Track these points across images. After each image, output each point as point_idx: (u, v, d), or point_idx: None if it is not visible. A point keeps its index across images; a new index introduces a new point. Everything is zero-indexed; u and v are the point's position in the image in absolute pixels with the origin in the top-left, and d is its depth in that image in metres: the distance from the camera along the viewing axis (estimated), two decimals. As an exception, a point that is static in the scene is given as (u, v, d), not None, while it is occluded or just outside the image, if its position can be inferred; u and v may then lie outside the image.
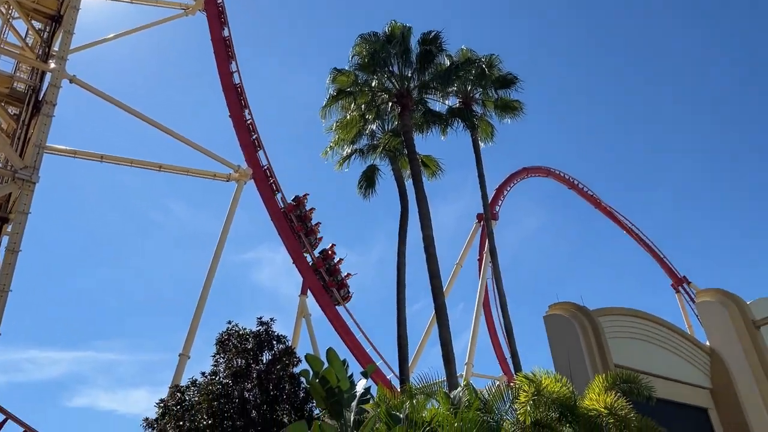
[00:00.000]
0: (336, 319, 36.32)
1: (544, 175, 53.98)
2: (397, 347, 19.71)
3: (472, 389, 14.50)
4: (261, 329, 15.97)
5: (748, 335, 25.14)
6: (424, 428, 12.19)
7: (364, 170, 23.93)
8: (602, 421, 11.96)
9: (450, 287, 44.83)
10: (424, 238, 20.15)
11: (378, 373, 34.18)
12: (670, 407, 20.62)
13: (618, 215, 56.30)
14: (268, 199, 36.92)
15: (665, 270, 56.94)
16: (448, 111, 23.68)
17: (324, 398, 12.46)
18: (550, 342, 20.32)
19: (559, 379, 12.98)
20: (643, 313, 22.97)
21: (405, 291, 20.79)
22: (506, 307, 22.35)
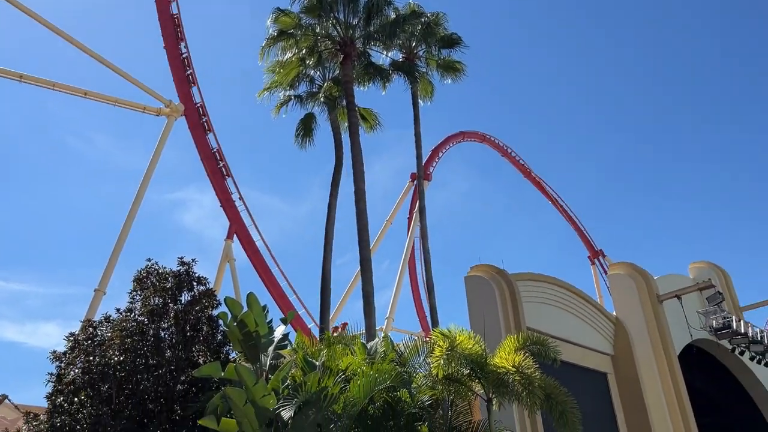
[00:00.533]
0: (261, 265, 36.11)
1: (479, 140, 54.73)
2: (319, 297, 19.86)
3: (390, 342, 14.84)
4: (182, 269, 15.62)
5: (651, 308, 26.77)
6: (339, 376, 12.42)
7: (302, 118, 23.55)
8: (509, 379, 12.50)
9: (378, 243, 45.28)
10: (356, 192, 20.15)
11: (299, 322, 34.42)
12: (573, 370, 21.83)
13: (546, 186, 58.05)
14: (199, 138, 35.79)
15: (584, 242, 59.52)
16: (391, 64, 23.49)
17: (241, 342, 12.45)
18: (469, 301, 20.96)
19: (473, 337, 13.42)
20: (558, 281, 23.98)
21: (332, 242, 20.84)
22: (430, 265, 22.81)
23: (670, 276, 29.99)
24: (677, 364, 25.94)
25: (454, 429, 13.33)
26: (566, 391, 13.23)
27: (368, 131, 23.86)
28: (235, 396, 10.43)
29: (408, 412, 12.42)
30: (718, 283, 31.85)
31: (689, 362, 28.49)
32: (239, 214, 36.71)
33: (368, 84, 23.56)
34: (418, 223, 24.70)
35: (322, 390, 10.90)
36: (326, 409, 10.95)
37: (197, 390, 13.85)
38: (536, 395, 12.38)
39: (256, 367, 12.43)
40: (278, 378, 11.32)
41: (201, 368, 12.29)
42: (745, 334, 25.92)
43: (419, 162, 24.66)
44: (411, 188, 47.48)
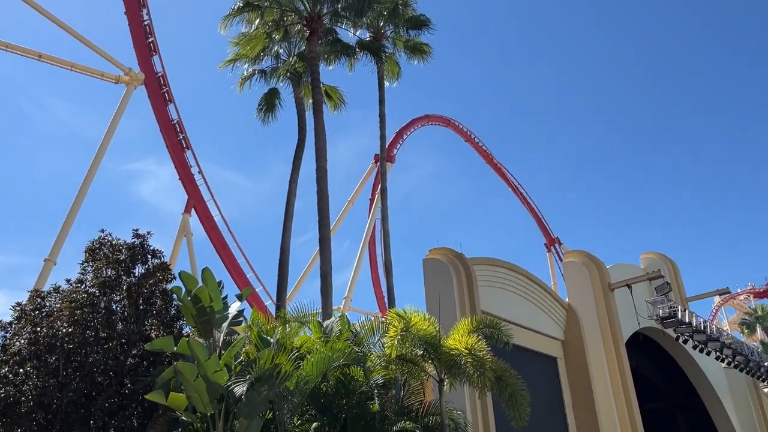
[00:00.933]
0: (218, 241, 35.66)
1: (444, 124, 54.85)
2: (277, 275, 19.75)
3: (346, 321, 14.89)
4: (136, 242, 15.30)
5: (603, 296, 27.46)
6: (293, 353, 12.43)
7: (265, 93, 23.20)
8: (461, 360, 12.69)
9: (339, 223, 45.18)
10: (318, 170, 20.02)
11: (255, 299, 34.23)
12: (525, 353, 22.28)
13: (506, 172, 58.65)
14: (159, 109, 34.89)
15: (541, 229, 60.52)
16: (358, 43, 23.26)
17: (194, 317, 12.35)
18: (426, 284, 21.10)
19: (427, 319, 13.56)
20: (514, 266, 24.35)
21: (292, 220, 20.70)
22: (389, 246, 22.91)
23: (621, 265, 30.79)
24: (624, 350, 26.74)
25: (406, 408, 13.51)
26: (516, 374, 13.51)
27: (332, 110, 23.66)
28: (186, 371, 10.35)
29: (360, 391, 12.53)
30: (667, 273, 32.86)
31: (636, 349, 29.41)
32: (198, 188, 36.08)
33: (334, 62, 23.31)
34: (380, 205, 24.70)
35: (275, 367, 10.90)
36: (279, 385, 10.97)
37: (148, 364, 13.66)
38: (487, 377, 12.61)
39: (209, 343, 12.35)
40: (231, 354, 11.27)
41: (153, 342, 12.16)
42: (689, 324, 26.81)
43: (383, 143, 24.60)
44: (374, 169, 47.37)
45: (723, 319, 75.04)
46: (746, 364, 30.37)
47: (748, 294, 75.81)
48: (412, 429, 12.22)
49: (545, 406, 22.63)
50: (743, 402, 35.14)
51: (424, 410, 13.54)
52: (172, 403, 10.76)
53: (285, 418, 11.16)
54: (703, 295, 37.90)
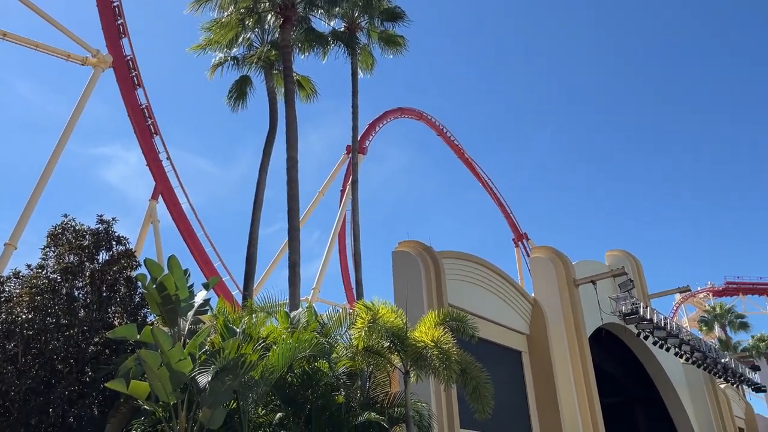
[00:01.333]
0: (186, 229, 35.22)
1: (416, 117, 54.93)
2: (245, 264, 19.59)
3: (313, 312, 14.85)
4: (101, 228, 15.02)
5: (568, 291, 27.90)
6: (259, 343, 12.36)
7: (237, 80, 22.96)
8: (427, 353, 12.78)
9: (309, 214, 45.03)
10: (288, 160, 19.89)
11: (222, 288, 33.92)
12: (490, 347, 22.54)
13: (477, 168, 59.07)
14: (128, 93, 34.23)
15: (510, 225, 61.18)
16: (331, 33, 23.10)
17: (159, 305, 12.17)
18: (394, 276, 21.16)
19: (395, 311, 13.61)
20: (482, 260, 24.56)
21: (261, 209, 20.56)
22: (359, 238, 22.87)
23: (587, 262, 31.29)
24: (587, 345, 27.23)
25: (371, 400, 13.55)
26: (481, 367, 13.65)
27: (304, 100, 23.52)
28: (149, 359, 10.21)
29: (326, 382, 12.52)
30: (630, 271, 33.49)
31: (598, 344, 29.98)
32: (166, 174, 35.55)
33: (308, 51, 23.12)
34: (351, 197, 24.64)
35: (240, 356, 10.82)
36: (244, 375, 10.89)
37: (110, 352, 13.47)
38: (452, 370, 12.72)
39: (174, 331, 12.20)
40: (196, 343, 11.15)
41: (115, 330, 11.96)
42: (650, 320, 27.39)
43: (355, 135, 24.51)
44: (346, 161, 47.25)
45: (683, 316, 76.95)
46: (704, 361, 31.19)
47: (707, 292, 77.82)
48: (377, 421, 12.26)
49: (509, 399, 22.94)
50: (700, 397, 36.13)
51: (389, 402, 13.60)
52: (134, 392, 10.60)
53: (249, 408, 11.11)
54: (665, 293, 38.80)
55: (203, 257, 35.56)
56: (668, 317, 30.56)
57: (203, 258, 35.53)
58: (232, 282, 36.10)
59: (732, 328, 53.59)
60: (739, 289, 78.04)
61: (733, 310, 55.26)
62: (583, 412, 25.52)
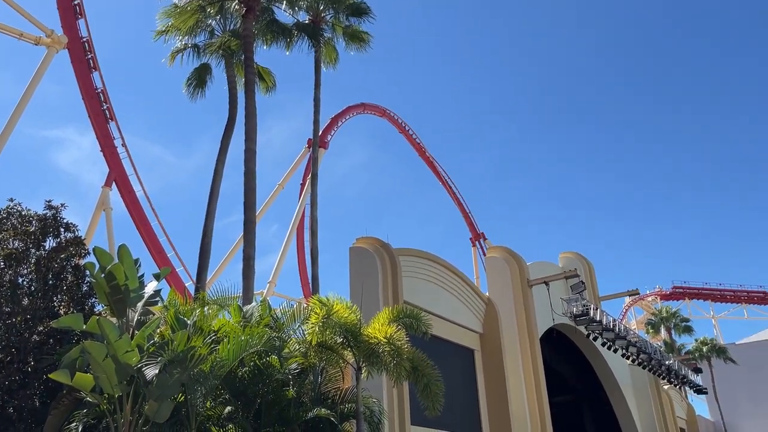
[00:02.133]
0: (139, 217, 34.46)
1: (379, 114, 54.94)
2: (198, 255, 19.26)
3: (267, 306, 14.71)
4: (49, 213, 14.55)
5: (522, 291, 28.37)
6: (210, 336, 12.17)
7: (196, 68, 22.53)
8: (380, 349, 12.80)
9: (267, 207, 44.63)
10: (246, 151, 19.63)
11: (175, 279, 33.33)
12: (444, 344, 22.74)
13: (438, 166, 59.47)
14: (83, 76, 33.27)
15: (468, 224, 61.84)
16: (295, 25, 22.88)
17: (108, 294, 11.88)
18: (351, 272, 21.13)
19: (350, 307, 13.59)
20: (438, 259, 24.74)
21: (217, 201, 20.23)
22: (316, 233, 22.72)
23: (541, 263, 31.87)
24: (539, 345, 27.75)
25: (322, 395, 13.51)
26: (432, 364, 13.75)
27: (264, 92, 23.26)
28: (94, 350, 9.94)
29: (277, 377, 12.43)
30: (583, 273, 34.25)
31: (549, 344, 30.59)
32: (120, 161, 34.72)
33: (271, 43, 22.84)
34: (310, 191, 24.48)
35: (190, 349, 10.63)
36: (193, 368, 10.71)
37: (55, 342, 13.06)
38: (404, 366, 12.78)
39: (122, 322, 11.93)
40: (144, 334, 10.92)
41: (60, 319, 11.61)
42: (600, 322, 28.06)
43: (316, 128, 24.34)
44: (306, 154, 46.92)
45: (632, 318, 79.21)
46: (649, 362, 32.14)
47: (655, 296, 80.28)
48: (327, 416, 12.23)
49: (460, 396, 23.20)
50: (644, 397, 37.27)
51: (340, 397, 13.58)
52: (78, 384, 10.30)
53: (197, 401, 10.92)
54: (615, 295, 39.84)
55: (156, 247, 34.86)
56: (617, 319, 31.37)
57: (156, 248, 34.84)
58: (186, 273, 35.54)
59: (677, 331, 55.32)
60: (685, 294, 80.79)
61: (678, 314, 57.04)
62: (531, 410, 26.00)
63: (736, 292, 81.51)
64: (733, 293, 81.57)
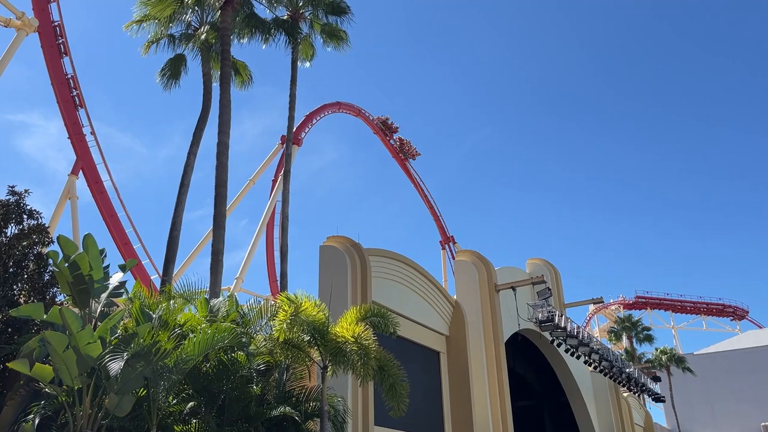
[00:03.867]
0: (106, 207, 33.81)
1: (354, 113, 54.93)
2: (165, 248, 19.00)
3: (234, 301, 14.57)
4: (11, 199, 14.20)
5: (489, 296, 28.61)
6: (176, 330, 12.01)
7: (171, 58, 22.28)
8: (347, 348, 12.76)
9: (237, 201, 44.24)
10: (219, 144, 19.45)
11: (141, 272, 32.81)
12: (410, 345, 22.81)
13: (411, 168, 59.67)
14: (53, 61, 32.54)
15: (438, 227, 62.15)
16: (273, 20, 22.75)
17: (71, 284, 11.64)
18: (320, 270, 21.05)
19: (318, 305, 13.52)
20: (408, 260, 24.81)
21: (187, 193, 20.00)
22: (287, 230, 22.64)
23: (508, 268, 32.20)
24: (504, 349, 28.01)
25: (287, 393, 13.43)
26: (399, 365, 13.78)
27: (240, 87, 23.08)
28: (54, 340, 9.72)
29: (242, 374, 12.32)
30: (549, 279, 34.71)
31: (514, 348, 30.89)
32: (89, 149, 34.03)
33: (248, 37, 22.69)
34: (282, 187, 24.34)
35: (154, 343, 10.47)
36: (156, 362, 10.54)
37: (13, 331, 12.74)
38: (370, 366, 12.77)
39: (84, 313, 11.70)
40: (107, 326, 10.70)
41: (20, 308, 11.32)
42: (564, 329, 28.45)
43: (290, 125, 24.25)
44: (280, 151, 46.64)
45: (595, 326, 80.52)
46: (610, 369, 32.70)
47: (618, 305, 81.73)
48: (291, 415, 12.16)
49: (424, 397, 23.29)
50: (604, 403, 37.90)
51: (305, 396, 13.51)
52: (37, 374, 10.06)
53: (160, 396, 10.76)
54: (580, 303, 40.42)
55: (122, 238, 34.25)
56: (581, 326, 31.83)
57: (122, 239, 34.23)
58: (152, 266, 34.99)
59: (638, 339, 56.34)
60: (648, 304, 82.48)
61: (640, 323, 58.10)
62: (494, 414, 26.23)
63: (696, 303, 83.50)
64: (693, 305, 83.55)
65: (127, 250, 33.89)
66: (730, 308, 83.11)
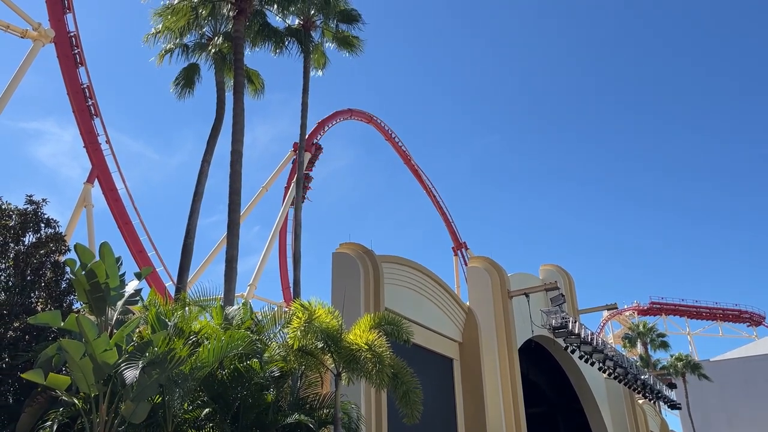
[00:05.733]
0: (121, 215, 34.14)
1: (366, 120, 55.03)
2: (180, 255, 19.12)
3: (249, 309, 14.65)
4: (29, 208, 14.40)
5: (502, 302, 28.54)
6: (191, 338, 12.10)
7: (185, 67, 22.46)
8: (361, 356, 12.78)
9: (251, 209, 44.43)
10: (233, 153, 19.58)
11: (155, 279, 33.05)
12: (423, 352, 22.80)
13: (422, 174, 59.65)
14: (68, 71, 32.97)
15: (450, 233, 62.04)
16: (286, 29, 22.90)
17: (87, 292, 11.75)
18: (333, 277, 21.15)
19: (331, 312, 13.56)
20: (420, 267, 24.84)
21: (201, 201, 20.11)
22: (300, 237, 22.65)
23: (521, 274, 32.09)
24: (517, 356, 27.90)
25: (301, 400, 13.47)
26: (412, 372, 13.77)
27: (252, 95, 23.25)
28: (71, 348, 9.83)
29: (256, 381, 12.37)
30: (563, 286, 34.55)
31: (527, 355, 30.75)
32: (104, 158, 34.41)
33: (260, 45, 22.84)
34: (294, 194, 24.44)
35: (169, 350, 10.55)
36: (172, 370, 10.62)
37: (31, 339, 12.89)
38: (384, 374, 12.76)
39: (101, 321, 11.81)
40: (123, 333, 10.80)
41: (38, 315, 11.43)
42: (578, 335, 28.31)
43: (303, 133, 24.29)
44: (292, 157, 46.85)
45: (609, 332, 79.89)
46: (625, 376, 32.43)
47: (633, 311, 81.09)
48: (305, 422, 12.19)
49: (437, 404, 23.23)
50: (619, 411, 37.56)
51: (319, 403, 13.55)
52: (52, 383, 10.17)
53: (175, 403, 10.83)
54: (593, 309, 40.22)
55: (137, 246, 34.54)
56: (595, 333, 31.63)
57: (137, 247, 34.52)
58: (166, 273, 35.25)
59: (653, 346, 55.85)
60: (662, 310, 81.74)
61: (655, 329, 57.60)
62: (507, 421, 26.11)
63: (712, 309, 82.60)
64: (709, 310, 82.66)
65: (141, 257, 34.17)
66: (746, 314, 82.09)
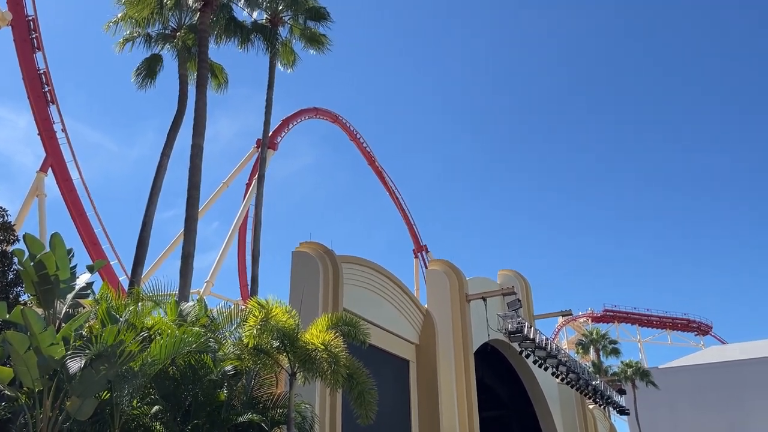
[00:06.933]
0: (75, 206, 33.23)
1: (331, 119, 54.83)
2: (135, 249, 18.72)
3: (204, 305, 14.41)
4: (-23, 196, 13.96)
5: (459, 305, 28.75)
6: (142, 333, 11.82)
7: (147, 58, 22.06)
8: (316, 355, 12.70)
9: (210, 204, 43.81)
10: (193, 147, 19.29)
11: (109, 273, 32.29)
12: (380, 354, 22.79)
13: (386, 176, 59.73)
14: (25, 56, 31.95)
15: (411, 236, 62.30)
16: (252, 25, 22.67)
17: (36, 284, 11.41)
18: (292, 276, 20.96)
19: (289, 311, 13.43)
20: (380, 268, 24.84)
21: (159, 194, 19.75)
22: (259, 235, 22.44)
23: (480, 278, 32.41)
24: (473, 359, 28.14)
25: (254, 399, 13.31)
26: (368, 373, 13.75)
27: (216, 89, 22.97)
28: (15, 341, 9.51)
29: (209, 378, 12.18)
30: (519, 291, 34.98)
31: (483, 358, 31.06)
32: (59, 146, 33.45)
33: (226, 39, 22.56)
34: (255, 191, 24.18)
35: (119, 344, 10.29)
36: (121, 365, 10.36)
37: (-27, 331, 12.41)
38: (340, 374, 12.71)
39: (49, 314, 11.48)
40: (71, 327, 10.50)
41: (-19, 307, 11.03)
42: (533, 340, 28.69)
43: (266, 130, 24.08)
44: (255, 154, 46.34)
45: (563, 338, 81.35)
46: (577, 382, 33.05)
47: (587, 317, 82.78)
48: (258, 421, 12.05)
49: (392, 406, 23.26)
50: (570, 415, 38.29)
51: (272, 402, 13.40)
52: (-5, 376, 9.83)
53: (124, 400, 10.58)
54: (549, 315, 40.87)
55: (91, 238, 33.66)
56: (550, 338, 32.14)
57: (91, 239, 33.64)
58: (120, 267, 34.45)
59: (605, 352, 57.03)
60: (615, 317, 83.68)
61: (607, 336, 58.84)
62: (461, 424, 26.31)
63: (662, 318, 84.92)
64: (659, 319, 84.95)
65: (95, 250, 33.32)
66: (694, 323, 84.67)
